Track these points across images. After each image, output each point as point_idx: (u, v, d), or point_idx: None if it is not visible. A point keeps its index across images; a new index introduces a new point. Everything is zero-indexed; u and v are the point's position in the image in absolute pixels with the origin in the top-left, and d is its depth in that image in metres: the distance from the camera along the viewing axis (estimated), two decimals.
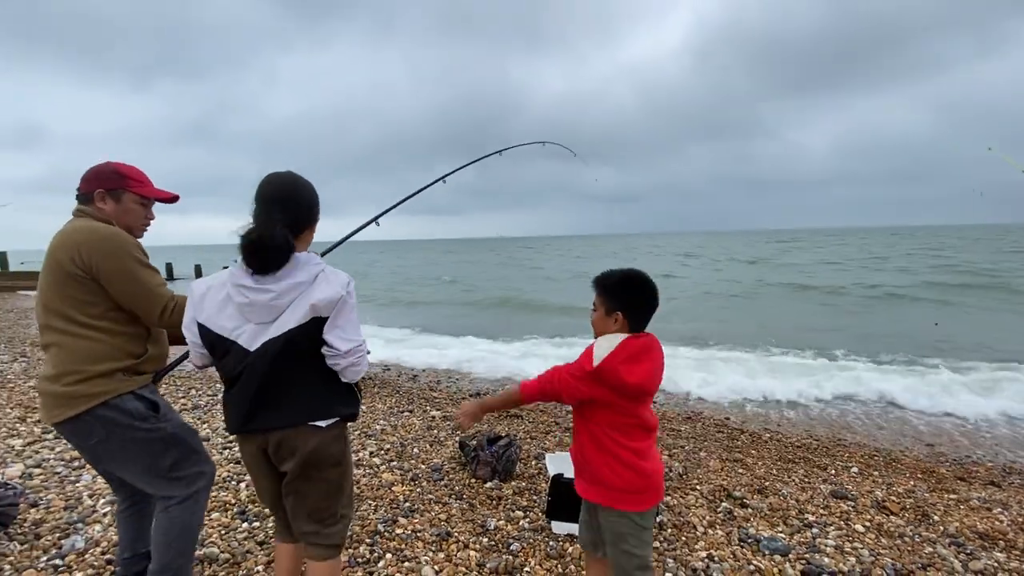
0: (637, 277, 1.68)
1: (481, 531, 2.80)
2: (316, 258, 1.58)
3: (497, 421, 5.04)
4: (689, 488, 3.50)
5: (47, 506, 2.96)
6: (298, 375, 1.56)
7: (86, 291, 1.67)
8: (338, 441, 1.66)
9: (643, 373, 1.60)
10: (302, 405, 1.58)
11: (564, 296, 18.51)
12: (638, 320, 1.66)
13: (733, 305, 15.79)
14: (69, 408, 1.67)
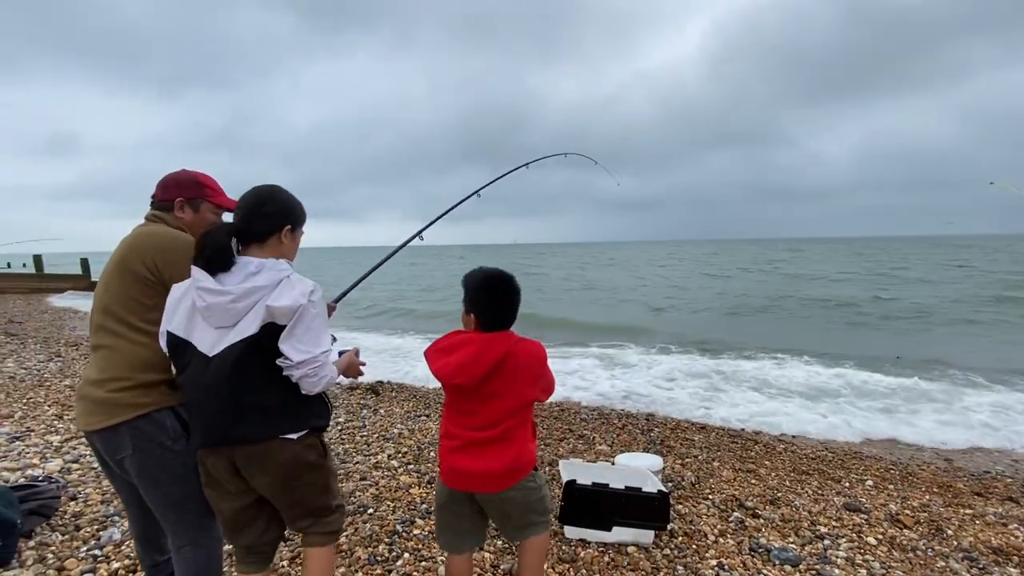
0: (488, 278, 1.78)
1: (495, 533, 2.88)
2: (283, 264, 1.58)
3: None
4: (701, 497, 3.54)
5: (85, 499, 3.13)
6: (264, 384, 1.52)
7: (150, 295, 1.64)
8: (312, 449, 1.63)
9: (444, 365, 1.71)
10: (271, 416, 1.54)
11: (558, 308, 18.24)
12: (485, 320, 1.75)
13: (749, 314, 15.66)
14: (108, 417, 1.62)
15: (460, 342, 1.73)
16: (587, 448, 4.57)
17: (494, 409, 1.73)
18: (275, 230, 1.61)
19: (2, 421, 4.64)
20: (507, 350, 1.71)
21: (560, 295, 22.01)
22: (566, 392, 6.83)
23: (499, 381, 1.72)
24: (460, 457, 1.75)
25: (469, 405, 1.74)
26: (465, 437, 1.74)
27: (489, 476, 1.74)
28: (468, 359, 1.69)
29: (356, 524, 2.95)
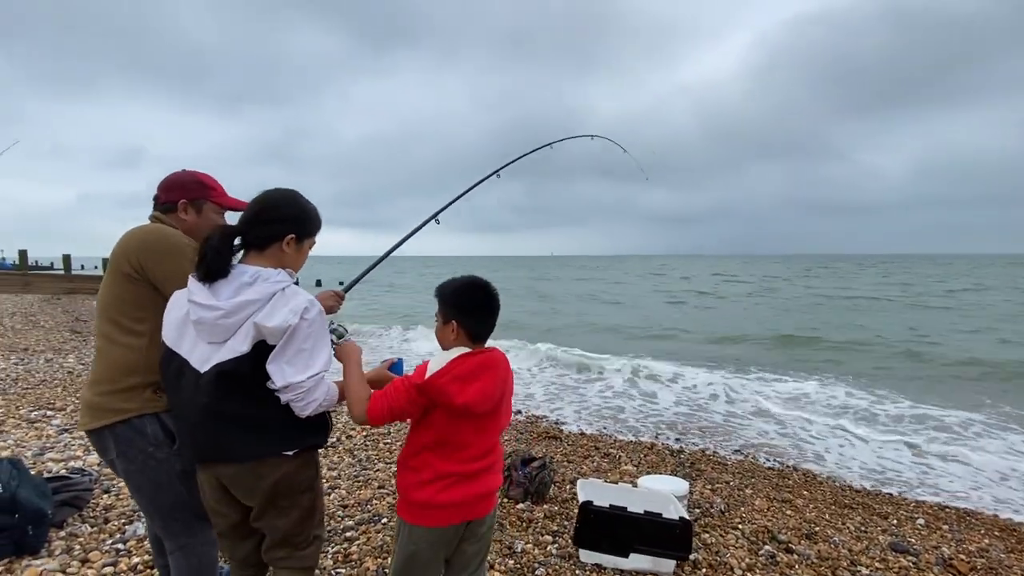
0: (472, 283, 1.63)
1: (508, 552, 2.80)
2: (280, 275, 1.51)
3: (536, 442, 5.03)
4: (730, 527, 3.34)
5: (117, 493, 3.24)
6: (256, 401, 1.46)
7: (137, 295, 1.60)
8: (307, 467, 1.57)
9: (474, 393, 1.49)
10: (263, 434, 1.47)
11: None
12: (474, 328, 1.58)
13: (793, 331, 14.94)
14: (93, 419, 1.61)
15: (479, 365, 1.53)
16: (612, 467, 4.41)
17: (489, 435, 1.59)
18: (276, 239, 1.53)
19: (55, 413, 4.92)
20: (508, 369, 1.63)
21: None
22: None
23: (501, 403, 1.60)
24: (456, 490, 1.53)
25: (467, 436, 1.54)
26: (462, 471, 1.54)
27: (485, 495, 1.60)
28: (493, 384, 1.54)
29: (369, 533, 2.93)
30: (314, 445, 1.60)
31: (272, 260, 1.54)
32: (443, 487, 1.53)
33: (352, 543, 2.81)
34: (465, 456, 1.55)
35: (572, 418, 6.25)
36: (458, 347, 1.57)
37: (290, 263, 1.58)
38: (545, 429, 5.49)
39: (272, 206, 1.56)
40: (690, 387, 8.12)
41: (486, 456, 1.58)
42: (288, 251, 1.56)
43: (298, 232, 1.57)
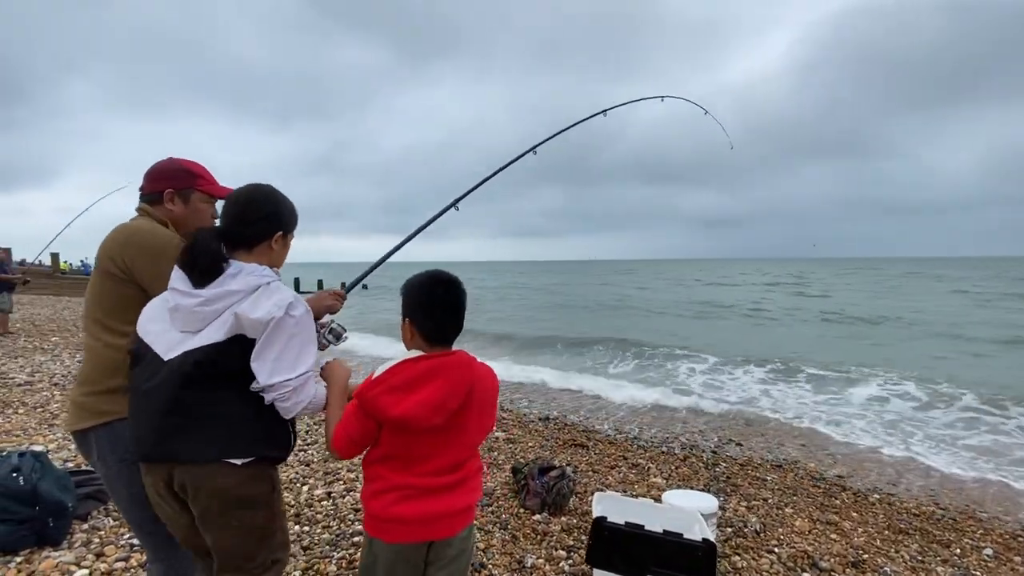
0: (430, 277, 1.46)
1: (517, 567, 2.67)
2: (266, 271, 1.46)
3: (561, 450, 4.86)
4: (765, 549, 3.08)
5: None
6: (218, 400, 1.38)
7: (122, 294, 1.55)
8: (258, 482, 1.43)
9: (413, 405, 1.31)
10: (218, 436, 1.38)
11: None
12: (427, 327, 1.43)
13: (846, 335, 14.01)
14: (76, 420, 1.58)
15: (423, 373, 1.37)
16: (639, 479, 4.19)
17: (456, 449, 1.42)
18: (266, 236, 1.49)
19: None
20: (473, 375, 1.42)
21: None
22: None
23: (467, 413, 1.41)
24: (413, 504, 1.40)
25: (424, 448, 1.40)
26: (421, 485, 1.40)
27: (451, 514, 1.44)
28: (443, 393, 1.36)
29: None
30: (270, 458, 1.46)
31: (260, 258, 1.50)
32: (396, 499, 1.39)
33: (359, 549, 2.75)
34: (425, 469, 1.39)
35: (606, 424, 6.03)
36: (414, 350, 1.43)
37: (276, 260, 1.55)
38: (572, 437, 5.30)
39: (261, 202, 1.52)
40: (729, 392, 7.71)
41: (454, 471, 1.42)
42: (276, 248, 1.54)
43: (285, 228, 1.55)
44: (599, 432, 5.61)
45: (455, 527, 1.45)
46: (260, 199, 1.53)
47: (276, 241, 1.52)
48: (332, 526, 3.01)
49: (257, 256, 1.50)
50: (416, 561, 1.45)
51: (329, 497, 3.41)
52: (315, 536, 2.89)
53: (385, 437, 1.40)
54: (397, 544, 1.42)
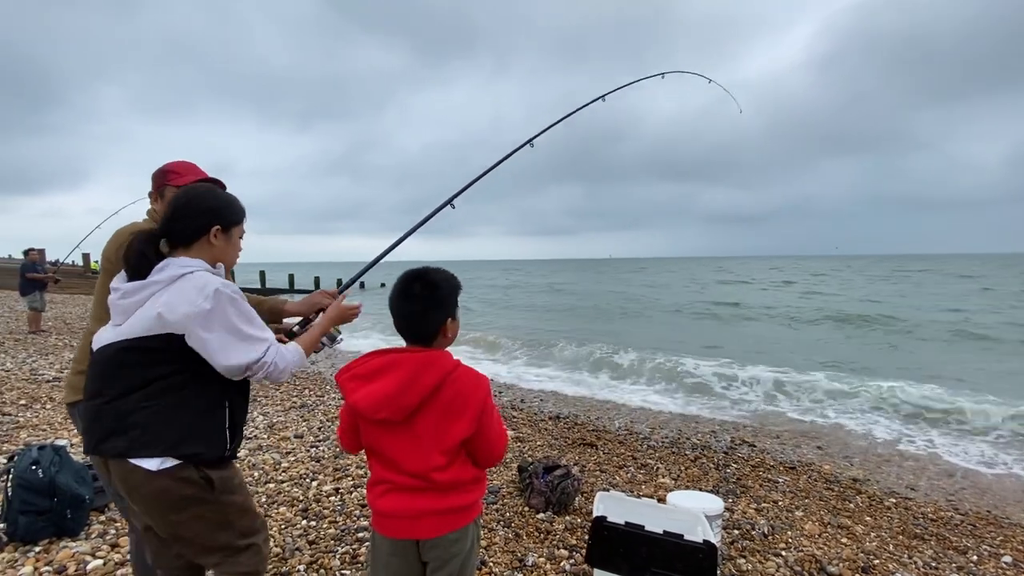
0: (405, 274, 1.46)
1: (518, 565, 2.68)
2: (189, 262, 1.45)
3: (569, 449, 4.85)
4: (772, 552, 3.04)
5: None
6: (136, 393, 1.37)
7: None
8: (186, 484, 1.40)
9: (365, 395, 1.35)
10: (138, 435, 1.36)
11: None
12: (394, 322, 1.45)
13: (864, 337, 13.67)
14: (67, 396, 1.74)
15: (384, 365, 1.39)
16: (647, 479, 4.16)
17: (425, 451, 1.39)
18: (202, 232, 1.50)
19: None
20: (443, 376, 1.37)
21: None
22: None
23: (430, 416, 1.38)
24: (393, 498, 1.41)
25: (392, 445, 1.40)
26: (399, 481, 1.40)
27: (432, 513, 1.42)
28: (393, 388, 1.35)
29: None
30: (196, 457, 1.41)
31: (202, 254, 1.51)
32: (380, 492, 1.43)
33: (363, 544, 2.80)
34: (400, 467, 1.40)
35: (616, 424, 6.00)
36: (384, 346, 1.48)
37: (222, 256, 1.55)
38: (581, 436, 5.29)
39: (190, 200, 1.53)
40: (745, 393, 7.59)
41: (430, 474, 1.38)
42: (217, 243, 1.53)
43: (222, 221, 1.53)
44: (609, 432, 5.59)
45: (439, 528, 1.42)
46: (193, 196, 1.54)
47: (215, 236, 1.52)
48: (338, 522, 3.07)
49: (196, 252, 1.50)
50: (410, 558, 1.46)
51: (337, 493, 3.47)
52: (321, 531, 2.95)
53: (361, 427, 1.44)
54: (388, 538, 1.44)
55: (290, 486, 3.57)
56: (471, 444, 1.43)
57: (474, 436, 1.42)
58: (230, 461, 1.56)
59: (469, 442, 1.43)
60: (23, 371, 7.02)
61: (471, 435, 1.41)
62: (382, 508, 1.42)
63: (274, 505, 3.25)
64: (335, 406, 5.98)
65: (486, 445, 1.45)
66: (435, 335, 1.44)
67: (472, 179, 2.56)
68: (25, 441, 4.19)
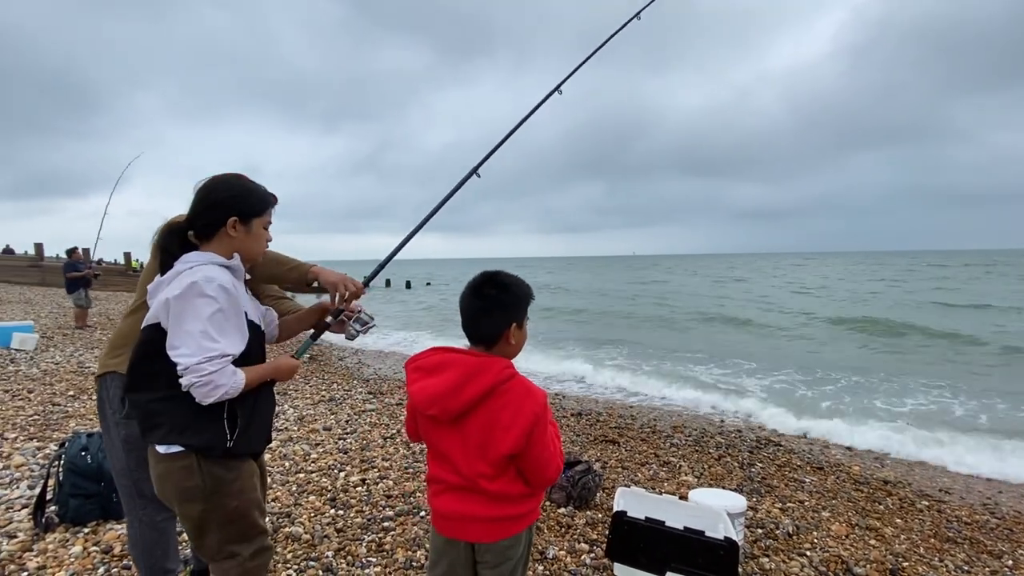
0: (476, 277, 1.45)
1: (539, 557, 2.72)
2: (201, 257, 1.46)
3: (592, 445, 4.87)
4: (796, 552, 3.01)
5: None
6: (155, 380, 1.43)
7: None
8: (188, 473, 1.42)
9: (420, 388, 1.38)
10: (151, 418, 1.43)
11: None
12: (462, 323, 1.44)
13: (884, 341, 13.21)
14: (99, 370, 1.85)
15: (442, 362, 1.39)
16: (670, 477, 4.15)
17: (472, 457, 1.37)
18: (219, 224, 1.48)
19: None
20: (494, 383, 1.33)
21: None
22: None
23: (476, 423, 1.35)
24: (446, 499, 1.43)
25: (441, 443, 1.41)
26: (452, 481, 1.41)
27: (484, 519, 1.41)
28: (443, 388, 1.34)
29: (406, 525, 2.99)
30: (200, 448, 1.43)
31: (222, 247, 1.50)
32: (436, 492, 1.47)
33: (388, 533, 2.88)
34: (452, 467, 1.41)
35: (639, 421, 5.98)
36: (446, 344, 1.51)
37: (242, 247, 1.53)
38: (603, 433, 5.30)
39: (209, 190, 1.51)
40: (770, 393, 7.46)
41: (475, 483, 1.38)
42: (237, 234, 1.50)
43: (240, 212, 1.50)
44: (631, 429, 5.58)
45: (493, 535, 1.41)
46: (210, 187, 1.52)
47: (232, 227, 1.49)
48: (365, 511, 3.17)
49: (216, 245, 1.49)
50: (462, 559, 1.45)
51: (363, 484, 3.58)
52: (348, 520, 3.05)
53: (418, 419, 1.48)
54: (442, 536, 1.46)
55: (319, 476, 3.69)
56: (521, 461, 1.38)
57: (524, 453, 1.35)
58: (238, 459, 1.50)
59: (519, 458, 1.37)
60: (71, 364, 7.40)
61: (519, 452, 1.35)
62: (438, 507, 1.46)
63: (304, 494, 3.37)
64: (361, 400, 6.13)
65: (536, 465, 1.38)
66: (498, 338, 1.40)
67: (499, 141, 2.52)
68: (74, 429, 4.43)
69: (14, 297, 16.47)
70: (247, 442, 1.50)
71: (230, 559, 1.52)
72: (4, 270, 23.57)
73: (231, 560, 1.52)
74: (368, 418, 5.31)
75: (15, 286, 20.75)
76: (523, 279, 1.47)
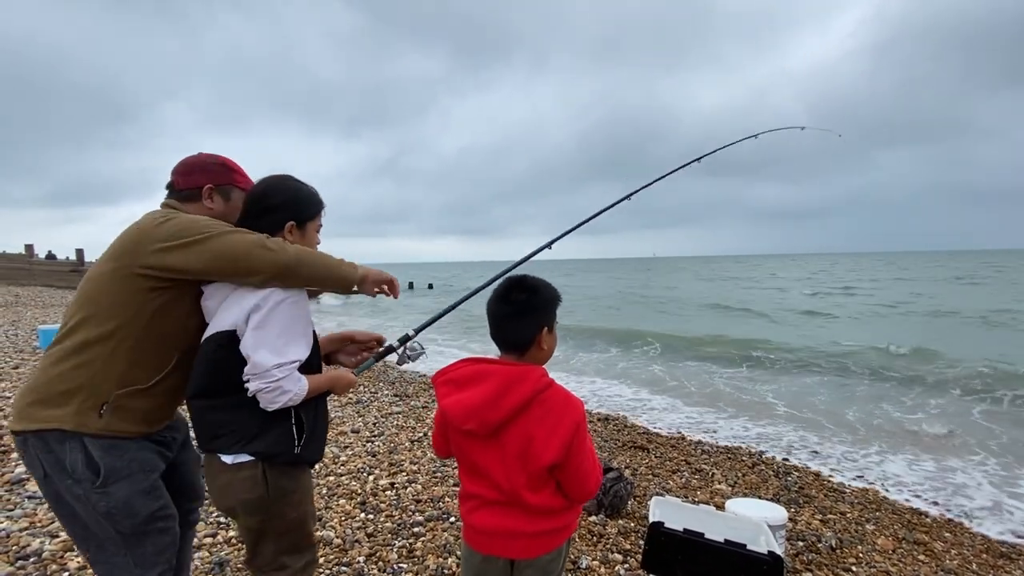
0: (504, 281, 1.41)
1: (572, 567, 2.66)
2: None
3: (620, 451, 4.77)
4: (841, 567, 2.88)
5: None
6: (227, 389, 1.39)
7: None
8: (251, 484, 1.39)
9: (454, 402, 1.32)
10: (217, 427, 1.40)
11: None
12: (491, 330, 1.40)
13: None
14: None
15: (476, 374, 1.34)
16: (702, 485, 4.04)
17: (512, 471, 1.32)
18: (277, 229, 1.47)
19: None
20: (533, 392, 1.30)
21: None
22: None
23: (516, 434, 1.31)
24: (485, 514, 1.38)
25: (481, 459, 1.36)
26: (489, 496, 1.36)
27: (523, 535, 1.36)
28: (479, 400, 1.30)
29: (436, 531, 2.95)
30: (267, 455, 1.40)
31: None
32: (472, 508, 1.41)
33: (418, 539, 2.86)
34: (489, 482, 1.36)
35: (668, 427, 5.86)
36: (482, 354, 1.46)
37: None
38: (632, 439, 5.20)
39: (266, 195, 1.49)
40: (806, 397, 7.23)
41: (516, 496, 1.33)
42: (292, 238, 1.49)
43: (296, 217, 1.49)
44: (660, 435, 5.46)
45: (534, 550, 1.37)
46: (268, 191, 1.50)
47: (290, 232, 1.48)
48: (395, 515, 3.15)
49: None
50: (502, 571, 1.41)
51: (392, 488, 3.56)
52: (379, 524, 3.03)
53: (450, 435, 1.42)
54: (476, 552, 1.41)
55: (348, 479, 3.69)
56: (560, 473, 1.34)
57: (564, 464, 1.32)
58: (299, 468, 1.49)
59: (558, 470, 1.33)
60: None
61: (560, 462, 1.31)
62: (475, 523, 1.40)
63: (334, 497, 3.37)
64: (388, 402, 6.15)
65: (576, 476, 1.34)
66: (530, 344, 1.37)
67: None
68: None
69: (56, 301, 17.07)
70: (311, 450, 1.49)
71: (280, 571, 1.50)
72: (47, 275, 24.50)
73: (281, 571, 1.50)
74: (395, 420, 5.32)
75: (57, 290, 21.54)
76: (548, 281, 1.43)
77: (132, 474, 1.41)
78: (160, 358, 1.44)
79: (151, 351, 1.43)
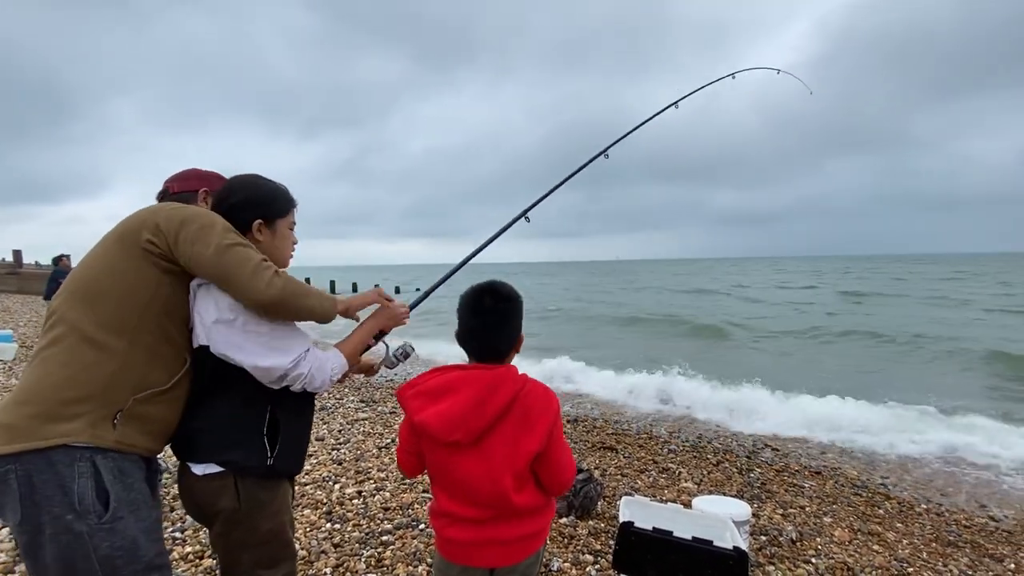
0: (474, 289, 1.38)
1: (543, 570, 2.65)
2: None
3: (589, 453, 4.81)
4: (801, 560, 2.98)
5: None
6: (202, 396, 1.36)
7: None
8: (225, 494, 1.33)
9: (433, 414, 1.28)
10: (191, 436, 1.35)
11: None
12: (459, 338, 1.39)
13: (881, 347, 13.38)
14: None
15: (453, 382, 1.31)
16: (669, 484, 4.11)
17: (495, 476, 1.30)
18: (243, 228, 1.39)
19: None
20: (515, 392, 1.30)
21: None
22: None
23: (500, 436, 1.30)
24: (462, 529, 1.36)
25: (462, 472, 1.32)
26: (467, 515, 1.34)
27: (503, 542, 1.35)
28: (459, 408, 1.27)
29: (405, 539, 2.90)
30: (240, 466, 1.33)
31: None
32: (446, 524, 1.38)
33: (387, 548, 2.80)
34: (468, 497, 1.33)
35: (635, 427, 5.94)
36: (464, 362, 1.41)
37: (269, 250, 1.42)
38: (601, 440, 5.25)
39: (227, 195, 1.43)
40: (768, 398, 7.47)
41: (500, 500, 1.31)
42: (263, 238, 1.42)
43: (264, 214, 1.42)
44: (628, 435, 5.54)
45: (515, 556, 1.37)
46: (233, 189, 1.44)
47: (259, 230, 1.42)
48: (362, 524, 3.07)
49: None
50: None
51: (360, 496, 3.48)
52: (346, 534, 2.95)
53: (424, 449, 1.37)
54: (451, 562, 1.39)
55: (313, 488, 3.59)
56: (540, 464, 1.34)
57: (544, 454, 1.33)
58: (275, 480, 1.41)
59: (539, 461, 1.34)
60: None
61: (541, 450, 1.32)
62: (450, 536, 1.37)
63: (299, 507, 3.27)
64: (354, 408, 6.02)
65: (555, 466, 1.36)
66: (510, 351, 1.38)
67: (546, 192, 2.47)
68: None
69: None
70: (287, 462, 1.42)
71: None
72: None
73: None
74: (361, 427, 5.21)
75: None
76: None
77: (138, 508, 1.23)
78: (177, 353, 1.32)
79: (167, 345, 1.30)
